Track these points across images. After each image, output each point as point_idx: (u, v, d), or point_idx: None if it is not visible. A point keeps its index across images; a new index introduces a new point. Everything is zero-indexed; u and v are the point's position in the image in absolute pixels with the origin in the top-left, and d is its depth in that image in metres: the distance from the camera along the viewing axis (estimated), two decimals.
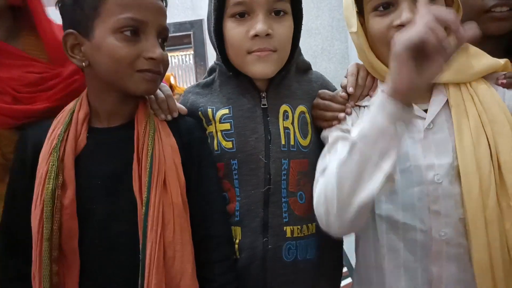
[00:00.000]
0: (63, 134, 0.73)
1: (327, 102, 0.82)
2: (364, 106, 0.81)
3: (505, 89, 0.76)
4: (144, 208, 0.70)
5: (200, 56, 3.14)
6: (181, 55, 4.11)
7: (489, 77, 0.77)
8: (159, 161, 0.73)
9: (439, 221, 0.71)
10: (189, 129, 0.82)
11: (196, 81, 1.51)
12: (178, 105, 0.85)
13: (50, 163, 0.71)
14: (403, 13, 0.70)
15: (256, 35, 0.76)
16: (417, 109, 0.75)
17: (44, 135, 0.75)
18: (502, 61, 0.76)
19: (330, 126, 0.81)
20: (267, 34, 0.76)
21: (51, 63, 0.87)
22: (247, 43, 0.78)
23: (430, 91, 0.77)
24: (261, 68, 0.79)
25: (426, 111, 0.76)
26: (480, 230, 0.67)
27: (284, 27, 0.79)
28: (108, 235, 0.71)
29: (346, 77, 0.84)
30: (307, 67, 0.92)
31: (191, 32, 3.09)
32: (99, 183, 0.73)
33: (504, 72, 0.77)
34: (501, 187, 0.69)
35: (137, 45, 0.71)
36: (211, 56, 2.93)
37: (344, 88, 0.83)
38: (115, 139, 0.76)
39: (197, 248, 0.75)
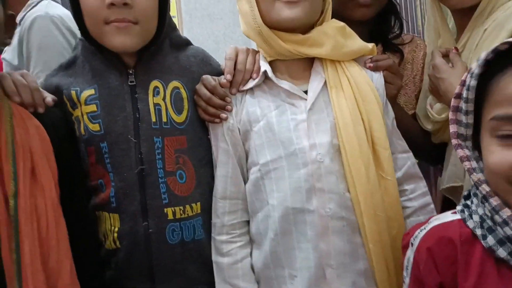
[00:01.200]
0: None
1: (208, 94, 0.79)
2: (247, 90, 0.81)
3: (373, 72, 0.83)
4: (13, 200, 0.63)
5: None
6: None
7: (358, 59, 0.83)
8: (23, 148, 0.66)
9: (323, 198, 0.74)
10: (54, 125, 0.74)
11: None
12: (47, 95, 0.76)
13: None
14: None
15: (112, 4, 0.71)
16: (297, 90, 0.77)
17: None
18: (370, 45, 0.83)
19: (212, 121, 0.81)
20: (125, 4, 0.72)
21: None
22: (104, 11, 0.72)
23: (309, 71, 0.80)
24: (120, 40, 0.74)
25: (306, 92, 0.78)
26: (368, 201, 0.73)
27: None
28: None
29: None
30: (184, 43, 0.89)
31: None
32: None
33: (371, 56, 0.84)
34: (375, 161, 0.76)
35: None
36: None
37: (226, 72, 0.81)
38: None
39: None
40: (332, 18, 0.82)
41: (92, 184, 0.79)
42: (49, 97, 0.76)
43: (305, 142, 0.75)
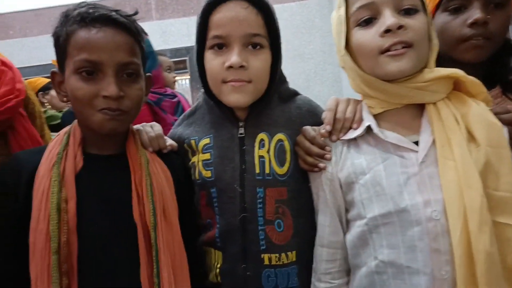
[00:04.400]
0: (62, 153, 0.76)
1: (307, 144, 0.81)
2: (350, 141, 0.79)
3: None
4: (153, 232, 0.74)
5: (196, 80, 3.19)
6: (179, 79, 4.20)
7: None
8: (157, 189, 0.78)
9: (440, 259, 0.67)
10: (175, 169, 0.85)
11: (193, 103, 1.67)
12: (170, 141, 0.88)
13: (52, 178, 0.73)
14: (386, 20, 0.71)
15: (230, 66, 0.78)
16: (407, 142, 0.73)
17: (39, 160, 0.76)
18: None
19: (312, 170, 0.81)
20: (241, 66, 0.78)
21: None
22: (223, 73, 0.80)
23: (419, 119, 0.75)
24: (235, 97, 0.81)
25: (416, 143, 0.73)
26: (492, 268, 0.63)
27: (259, 60, 0.81)
28: (107, 258, 0.73)
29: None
30: (291, 94, 0.92)
31: (187, 58, 3.20)
32: (97, 206, 0.75)
33: (490, 108, 0.74)
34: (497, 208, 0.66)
35: (94, 85, 0.73)
36: None
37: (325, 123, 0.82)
38: (109, 167, 0.80)
39: None
40: (440, 59, 0.77)
41: (202, 222, 0.86)
42: (171, 143, 0.87)
43: (418, 198, 0.69)
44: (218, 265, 0.82)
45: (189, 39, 3.14)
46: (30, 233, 0.71)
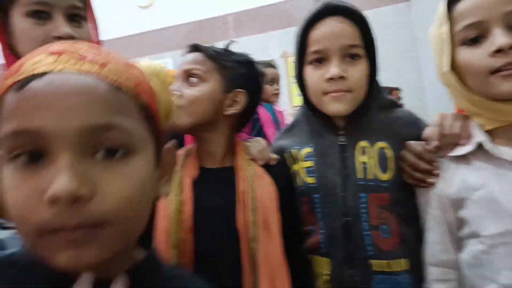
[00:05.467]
0: (181, 163, 0.88)
1: (413, 160, 0.80)
2: (459, 157, 0.77)
3: None
4: (254, 244, 0.79)
5: None
6: None
7: None
8: (260, 202, 0.82)
9: None
10: (278, 180, 0.89)
11: None
12: (271, 155, 0.93)
13: (174, 183, 0.83)
14: (496, 39, 0.68)
15: (331, 78, 0.83)
16: None
17: None
18: None
19: (419, 186, 0.81)
20: (341, 77, 0.82)
21: None
22: (323, 85, 0.85)
23: None
24: (336, 107, 0.85)
25: None
26: None
27: (357, 70, 0.85)
28: (215, 261, 0.80)
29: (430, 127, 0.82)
30: (390, 104, 0.93)
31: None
32: (208, 211, 0.83)
33: None
34: None
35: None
36: None
37: (428, 139, 0.81)
38: (219, 178, 0.88)
39: None
40: None
41: (306, 229, 0.90)
42: (274, 156, 0.92)
43: None
44: (325, 272, 0.84)
45: (264, 54, 3.25)
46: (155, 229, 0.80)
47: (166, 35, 3.58)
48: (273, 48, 3.29)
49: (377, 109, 0.90)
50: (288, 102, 3.23)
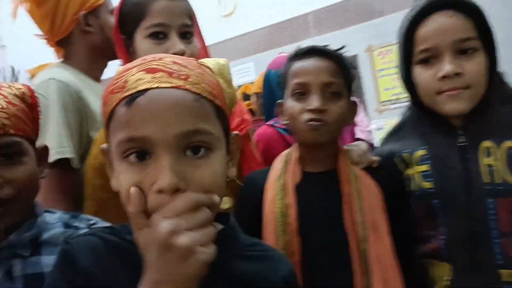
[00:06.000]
0: (283, 168, 0.91)
1: None
2: None
3: None
4: (364, 245, 0.80)
5: None
6: None
7: None
8: (367, 203, 0.83)
9: None
10: (383, 183, 0.88)
11: None
12: (372, 157, 0.92)
13: (277, 189, 0.88)
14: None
15: (444, 76, 0.78)
16: None
17: (266, 177, 0.92)
18: None
19: None
20: (457, 74, 0.78)
21: None
22: (437, 84, 0.80)
23: None
24: (452, 106, 0.80)
25: None
26: None
27: (474, 64, 0.79)
28: (323, 262, 0.82)
29: None
30: None
31: None
32: (313, 214, 0.85)
33: None
34: None
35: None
36: None
37: None
38: (322, 181, 0.90)
39: None
40: None
41: (422, 234, 0.86)
42: (375, 159, 0.91)
43: None
44: (446, 278, 0.81)
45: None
46: (263, 232, 0.86)
47: (247, 40, 3.69)
48: (356, 43, 3.20)
49: (499, 104, 0.83)
50: (375, 97, 3.11)
